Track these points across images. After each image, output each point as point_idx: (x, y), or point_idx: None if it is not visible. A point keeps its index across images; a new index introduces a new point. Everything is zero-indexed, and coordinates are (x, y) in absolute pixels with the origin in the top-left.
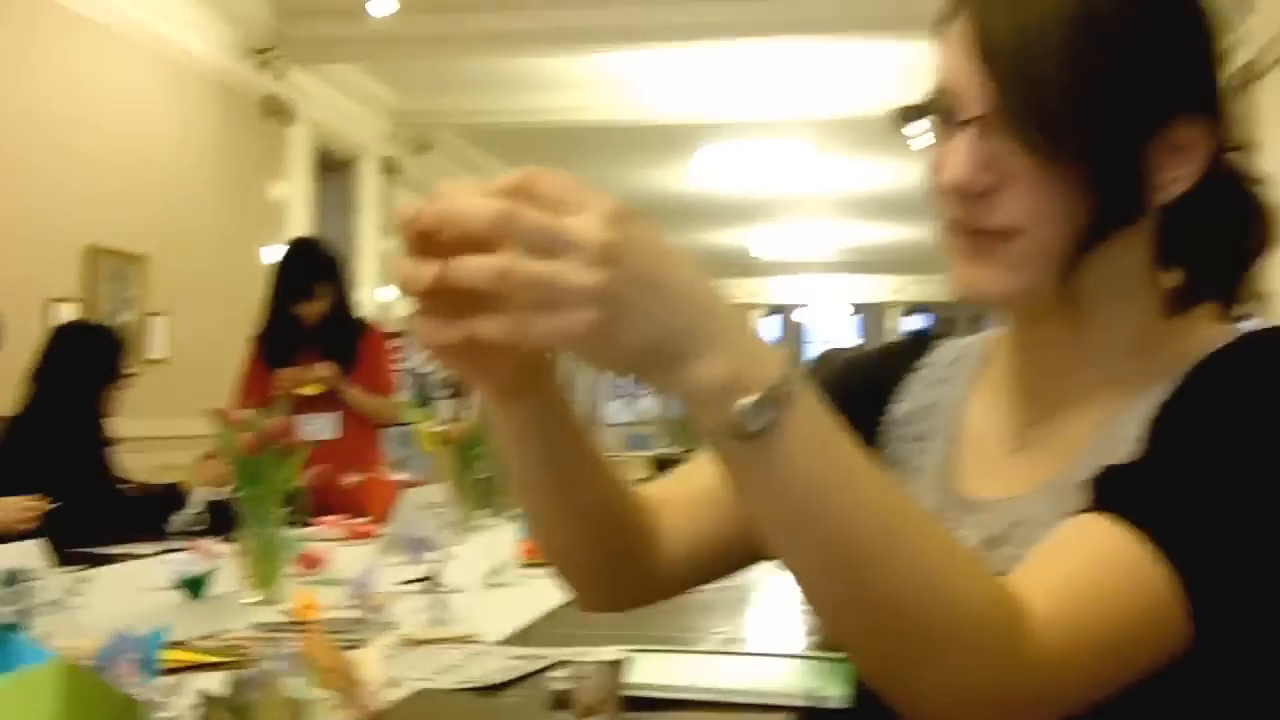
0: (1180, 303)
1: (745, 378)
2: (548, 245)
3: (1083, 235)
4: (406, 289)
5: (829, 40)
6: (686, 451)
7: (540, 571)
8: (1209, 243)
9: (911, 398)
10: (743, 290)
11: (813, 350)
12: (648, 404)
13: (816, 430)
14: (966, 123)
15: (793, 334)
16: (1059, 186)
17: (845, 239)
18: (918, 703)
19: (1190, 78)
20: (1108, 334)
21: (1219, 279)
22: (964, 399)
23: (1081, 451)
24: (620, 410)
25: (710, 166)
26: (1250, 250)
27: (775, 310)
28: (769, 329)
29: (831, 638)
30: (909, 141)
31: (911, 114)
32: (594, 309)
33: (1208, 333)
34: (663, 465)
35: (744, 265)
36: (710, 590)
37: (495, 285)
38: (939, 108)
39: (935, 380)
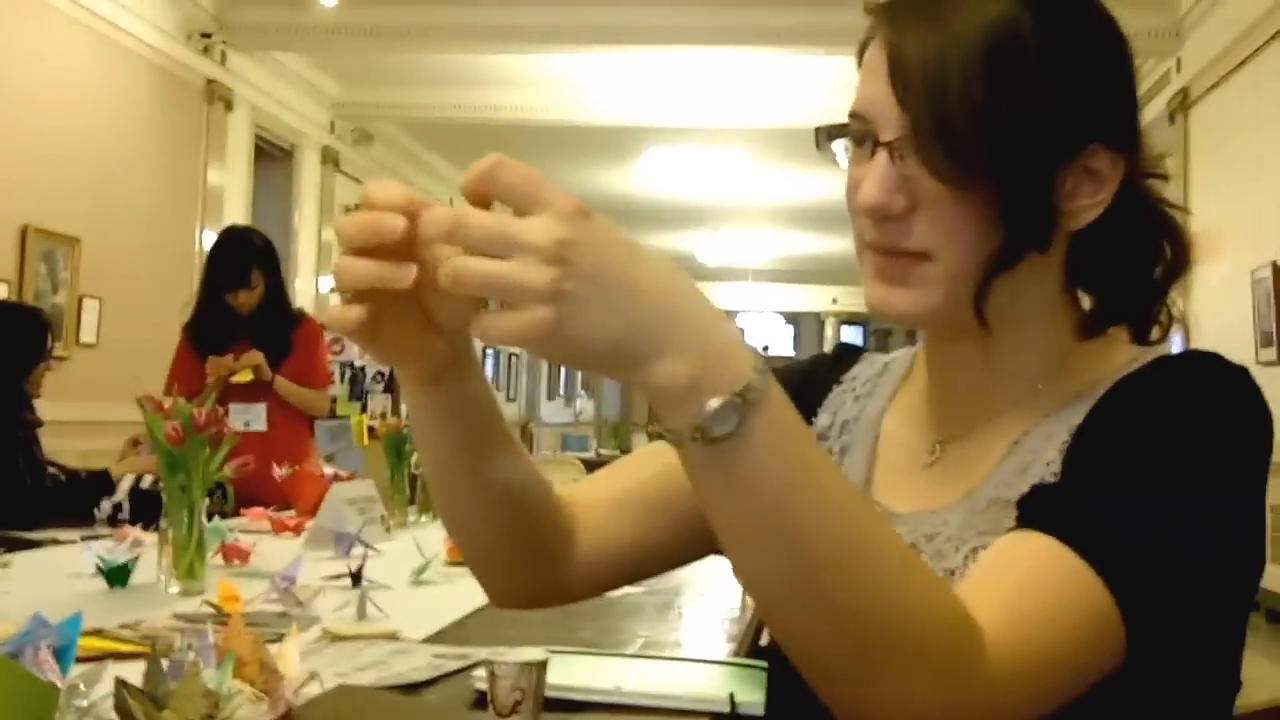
0: (1092, 326)
1: (709, 380)
2: (499, 247)
3: (994, 259)
4: (345, 285)
5: (771, 51)
6: (623, 452)
7: (466, 570)
8: (1120, 268)
9: (833, 410)
10: None
11: None
12: (584, 406)
13: (782, 435)
14: (881, 145)
15: None
16: (970, 211)
17: (784, 248)
18: (867, 713)
19: (1102, 106)
20: (1020, 355)
21: (1131, 304)
22: (883, 412)
23: (995, 468)
24: (556, 412)
25: (656, 170)
26: (1162, 276)
27: None
28: None
29: (783, 644)
30: (834, 159)
31: (832, 133)
32: (547, 307)
33: (1121, 356)
34: (597, 467)
35: (689, 270)
36: (636, 594)
37: (449, 286)
38: (856, 130)
39: (858, 394)
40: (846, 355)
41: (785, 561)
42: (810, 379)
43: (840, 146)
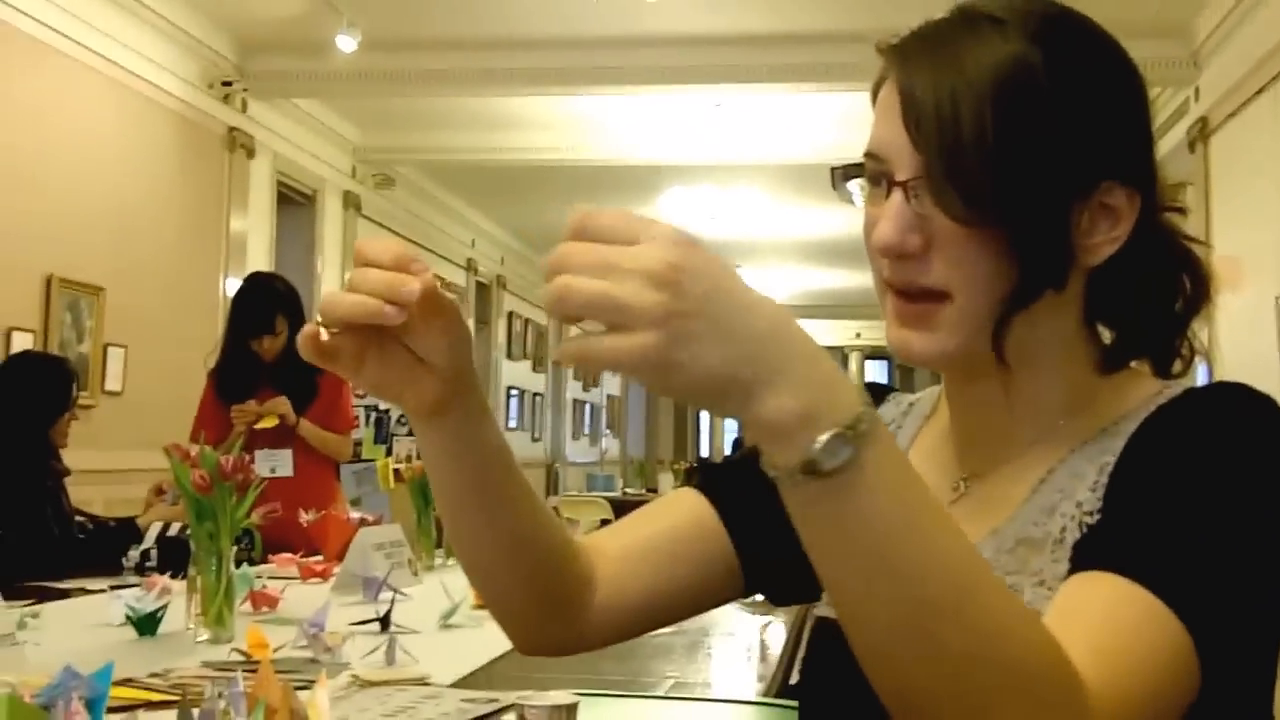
0: (1112, 361)
1: (819, 412)
2: (608, 272)
3: (1011, 298)
4: (332, 320)
5: (788, 89)
6: (649, 491)
7: None
8: (1139, 303)
9: None
10: None
11: None
12: (609, 445)
13: (893, 471)
14: (896, 185)
15: None
16: (986, 250)
17: (807, 283)
18: None
19: (1116, 143)
20: (1040, 391)
21: (1151, 338)
22: (907, 452)
23: (1021, 506)
24: (582, 451)
25: (676, 208)
26: (1183, 310)
27: None
28: None
29: (887, 691)
30: (850, 198)
31: (848, 173)
32: (655, 331)
33: (1145, 389)
34: (624, 506)
35: None
36: (664, 634)
37: (555, 308)
38: (872, 169)
39: None
40: (872, 395)
41: (897, 605)
42: None
43: (856, 186)
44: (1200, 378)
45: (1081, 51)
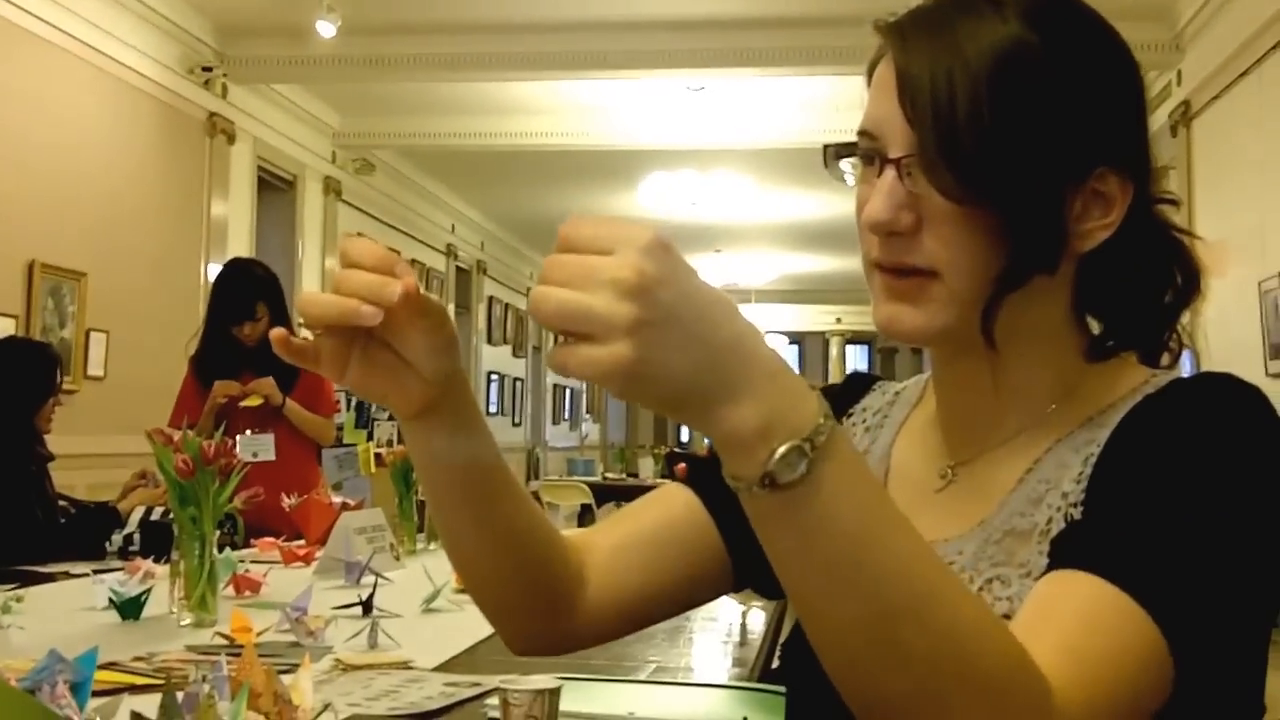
0: (1101, 349)
1: (777, 424)
2: (581, 281)
3: (1001, 280)
4: (312, 320)
5: (770, 73)
6: (629, 476)
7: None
8: (1129, 291)
9: None
10: None
11: None
12: (589, 430)
13: (852, 480)
14: (889, 163)
15: None
16: (977, 230)
17: (787, 268)
18: None
19: (1111, 129)
20: (1028, 376)
21: (1140, 328)
22: (894, 442)
23: (1008, 495)
24: (562, 436)
25: (658, 193)
26: (1172, 301)
27: None
28: None
29: (853, 696)
30: (842, 177)
31: (841, 152)
32: (625, 341)
33: (1132, 379)
34: (604, 491)
35: None
36: None
37: (534, 317)
38: (865, 147)
39: (869, 425)
40: (857, 384)
41: (860, 611)
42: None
43: (848, 165)
44: (1185, 365)
45: (1079, 36)
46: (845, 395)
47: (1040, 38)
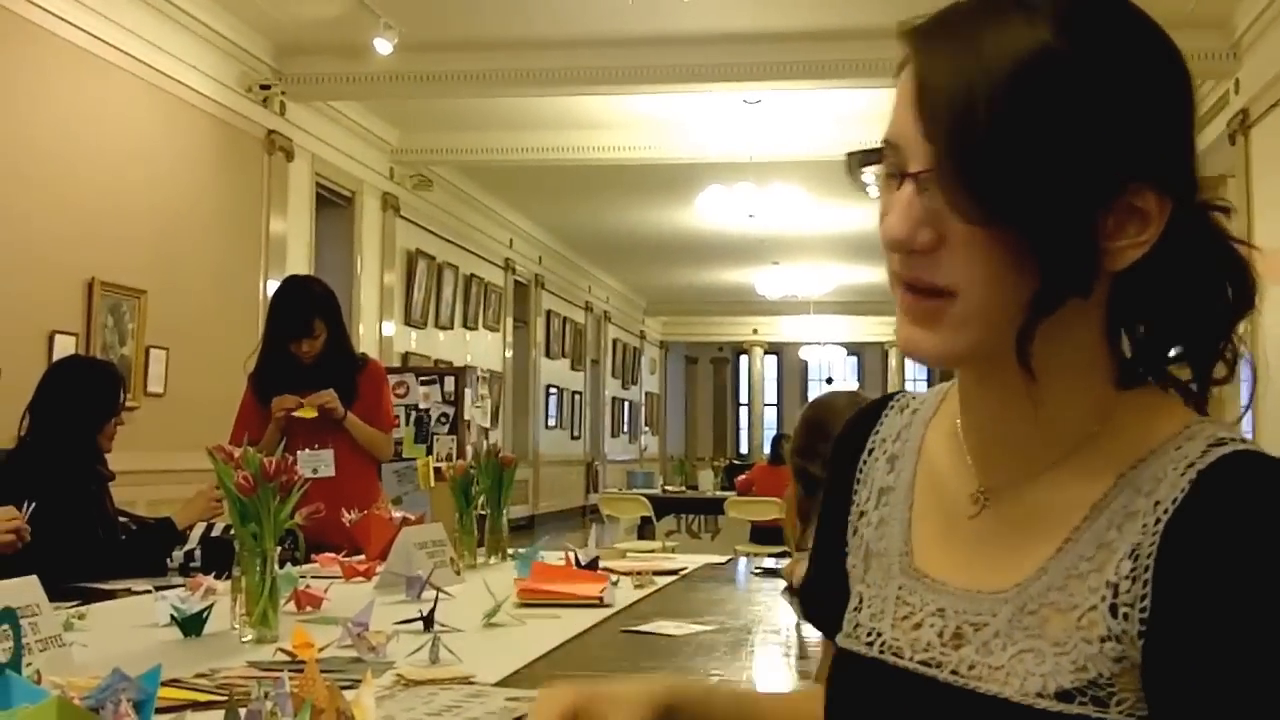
0: (1132, 374)
1: None
2: None
3: (1033, 305)
4: None
5: (828, 85)
6: (689, 488)
7: (537, 612)
8: (1170, 309)
9: (869, 482)
10: (748, 328)
11: (813, 390)
12: (648, 442)
13: None
14: (908, 177)
15: (794, 373)
16: (1001, 251)
17: (845, 279)
18: None
19: (1149, 142)
20: (1060, 406)
21: (1184, 341)
22: (916, 466)
23: (1049, 561)
24: (621, 448)
25: (715, 206)
26: (1224, 315)
27: (772, 350)
28: (769, 367)
29: None
30: (864, 186)
31: (864, 160)
32: None
33: (1168, 421)
34: (663, 504)
35: (749, 303)
36: (708, 632)
37: None
38: (888, 158)
39: (890, 454)
40: (871, 409)
41: None
42: (845, 451)
43: (871, 174)
44: (1245, 377)
45: (1116, 42)
46: (862, 424)
47: (1071, 45)
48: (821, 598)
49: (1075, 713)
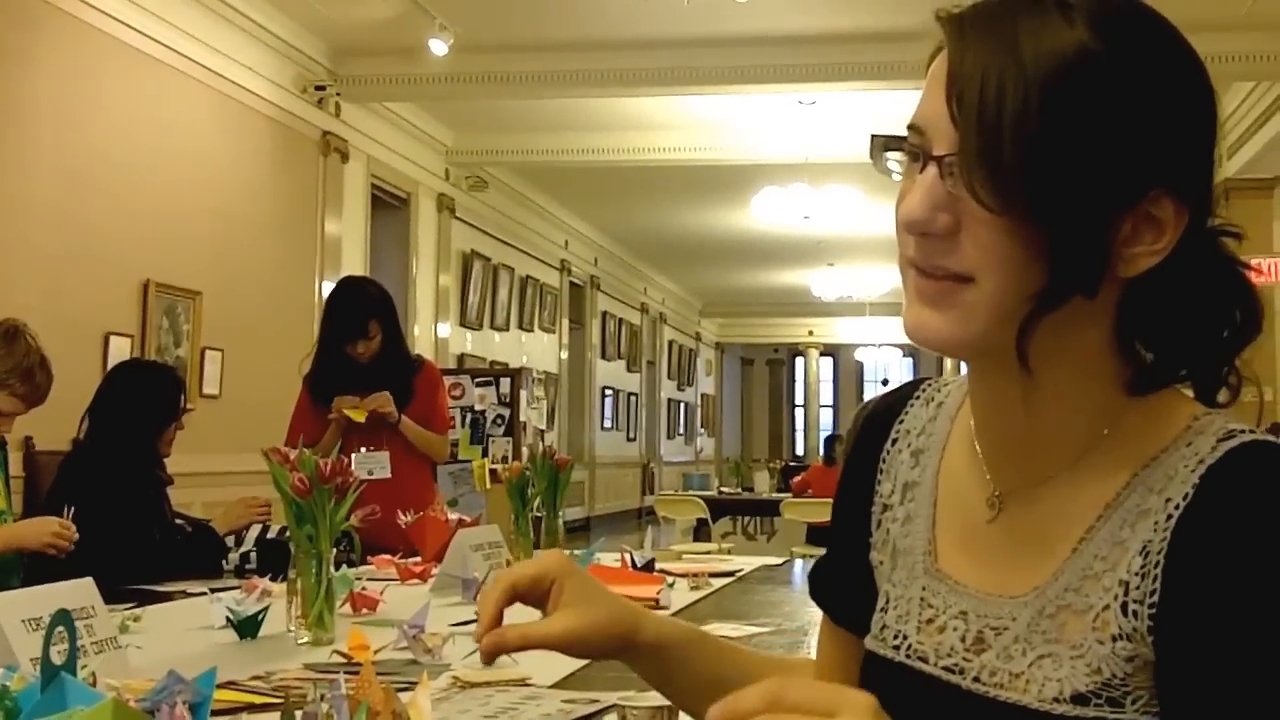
0: (1143, 382)
1: None
2: None
3: (1038, 298)
4: None
5: (883, 86)
6: (744, 490)
7: None
8: (1179, 323)
9: (893, 475)
10: (804, 329)
11: (869, 391)
12: (704, 444)
13: None
14: (932, 160)
15: (849, 374)
16: (1017, 242)
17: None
18: None
19: (1173, 152)
20: (1063, 405)
21: (1191, 362)
22: (940, 462)
23: (1062, 564)
24: (677, 450)
25: (770, 207)
26: (1228, 337)
27: (828, 352)
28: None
29: None
30: (888, 171)
31: (888, 144)
32: None
33: (1177, 416)
34: (719, 506)
35: (805, 305)
36: (764, 634)
37: None
38: (912, 142)
39: (914, 448)
40: (898, 398)
41: None
42: (866, 441)
43: (894, 159)
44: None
45: (1151, 50)
46: (887, 412)
47: (1107, 48)
48: (834, 583)
49: (1091, 715)
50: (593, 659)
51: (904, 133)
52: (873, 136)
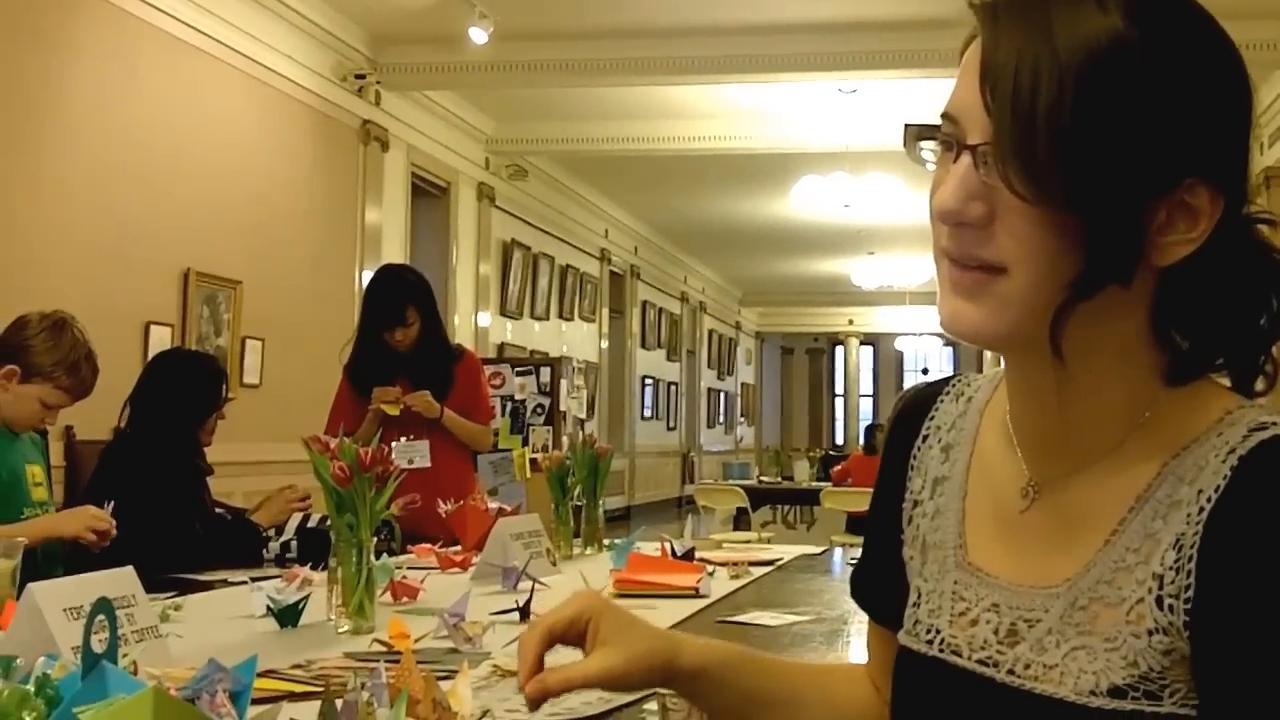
0: (1180, 372)
1: None
2: None
3: (1072, 287)
4: None
5: (924, 74)
6: (784, 479)
7: (634, 602)
8: (1215, 313)
9: (923, 471)
10: (844, 318)
11: (908, 380)
12: (744, 433)
13: None
14: (966, 150)
15: (889, 363)
16: (1051, 231)
17: None
18: None
19: (1208, 140)
20: (1098, 394)
21: (1226, 351)
22: (970, 456)
23: (1097, 554)
24: (717, 439)
25: (810, 196)
26: (1265, 325)
27: (868, 341)
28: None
29: None
30: (922, 160)
31: (922, 133)
32: None
33: (1210, 406)
34: (759, 495)
35: (845, 294)
36: (804, 622)
37: None
38: (946, 131)
39: (944, 443)
40: (928, 393)
41: None
42: (899, 436)
43: (929, 148)
44: None
45: (1186, 38)
46: (918, 409)
47: (1142, 35)
48: (872, 582)
49: (1129, 709)
50: (636, 690)
51: (939, 122)
52: (906, 126)
